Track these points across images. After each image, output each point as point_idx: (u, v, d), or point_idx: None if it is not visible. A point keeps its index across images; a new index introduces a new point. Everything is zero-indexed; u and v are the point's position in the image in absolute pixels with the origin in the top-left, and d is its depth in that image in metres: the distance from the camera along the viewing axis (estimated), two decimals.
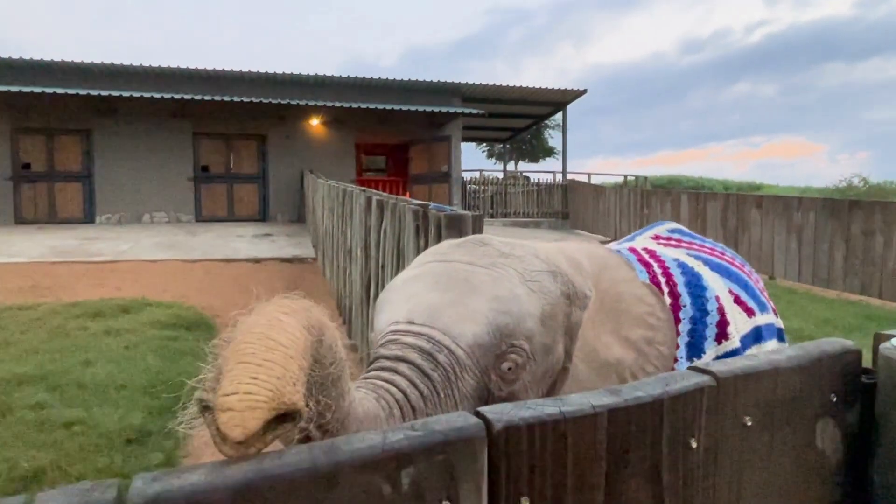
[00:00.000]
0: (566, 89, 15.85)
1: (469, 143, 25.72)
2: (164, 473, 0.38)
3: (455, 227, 2.29)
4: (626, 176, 20.57)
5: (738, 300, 1.47)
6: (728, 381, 0.57)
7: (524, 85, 15.30)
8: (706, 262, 1.48)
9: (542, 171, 24.18)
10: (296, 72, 13.84)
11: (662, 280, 1.35)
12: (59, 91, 11.53)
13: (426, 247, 2.56)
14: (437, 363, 0.90)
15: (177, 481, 0.37)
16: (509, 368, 0.96)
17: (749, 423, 0.59)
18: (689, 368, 0.59)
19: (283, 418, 0.54)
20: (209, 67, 13.27)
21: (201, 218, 13.70)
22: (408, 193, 15.78)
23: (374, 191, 4.73)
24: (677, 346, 1.27)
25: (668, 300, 1.32)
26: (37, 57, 12.78)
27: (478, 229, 2.27)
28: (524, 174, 19.91)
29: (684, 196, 10.94)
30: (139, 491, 0.36)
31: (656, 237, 1.72)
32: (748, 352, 1.44)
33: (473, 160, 52.58)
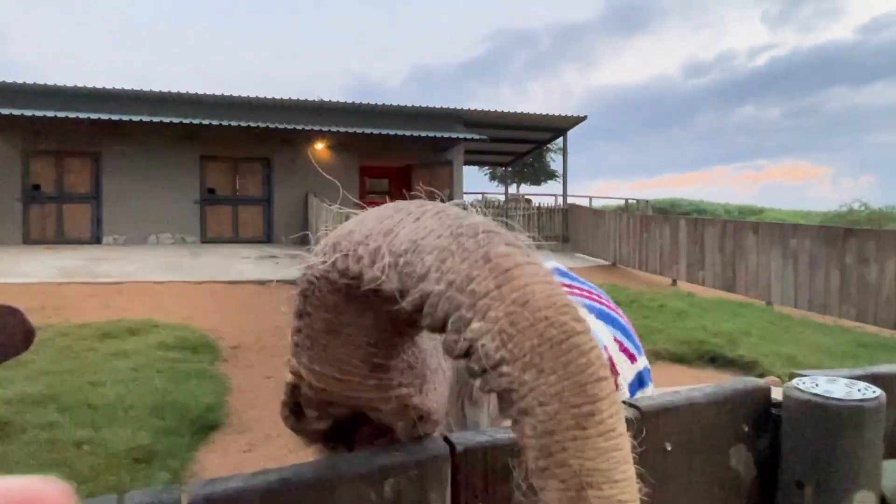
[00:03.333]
0: (567, 116, 16.14)
1: (471, 167, 26.01)
2: (213, 480, 0.52)
3: None
4: (627, 199, 20.79)
5: (622, 348, 1.56)
6: (650, 414, 0.71)
7: (525, 111, 15.59)
8: (590, 310, 1.58)
9: (543, 194, 24.50)
10: (301, 97, 14.18)
11: None
12: (70, 115, 11.83)
13: None
14: None
15: (221, 485, 0.51)
16: None
17: (668, 448, 0.72)
18: (623, 402, 0.73)
19: None
20: (217, 93, 13.62)
21: (206, 239, 13.91)
22: None
23: None
24: None
25: None
26: (49, 81, 13.14)
27: None
28: (526, 197, 20.13)
29: (682, 221, 11.10)
30: (196, 491, 0.50)
31: None
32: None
33: (476, 183, 52.91)
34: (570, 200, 17.50)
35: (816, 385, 0.75)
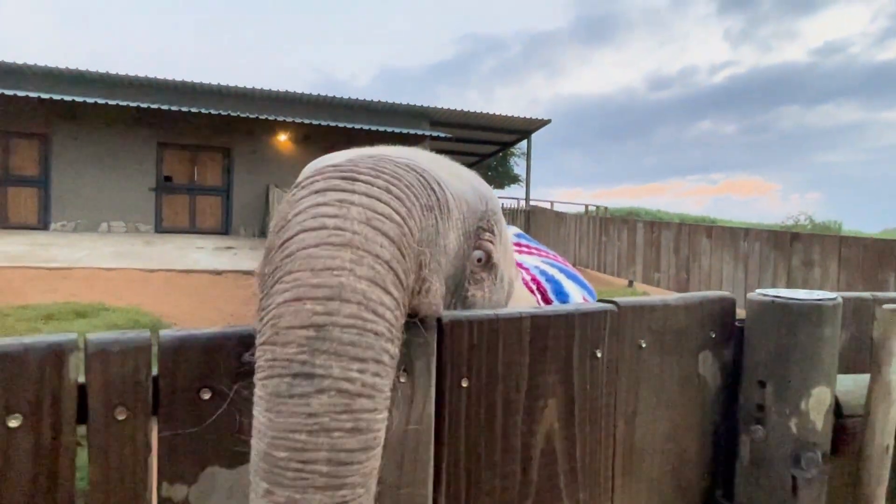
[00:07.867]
0: (531, 118, 16.33)
1: None
2: (187, 328, 0.50)
3: None
4: (587, 205, 21.14)
5: None
6: (627, 309, 0.73)
7: (491, 112, 15.70)
8: (560, 270, 1.68)
9: (507, 197, 24.67)
10: (265, 87, 13.90)
11: (533, 287, 1.48)
12: (19, 94, 11.28)
13: None
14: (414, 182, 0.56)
15: (196, 332, 0.49)
16: (479, 260, 0.69)
17: (643, 346, 0.74)
18: (598, 300, 0.74)
19: None
20: (177, 78, 13.21)
21: (161, 229, 13.48)
22: None
23: None
24: None
25: (542, 304, 1.44)
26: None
27: None
28: None
29: (640, 224, 11.37)
30: (168, 335, 0.48)
31: None
32: None
33: None
34: (532, 204, 17.70)
35: (778, 294, 0.78)
